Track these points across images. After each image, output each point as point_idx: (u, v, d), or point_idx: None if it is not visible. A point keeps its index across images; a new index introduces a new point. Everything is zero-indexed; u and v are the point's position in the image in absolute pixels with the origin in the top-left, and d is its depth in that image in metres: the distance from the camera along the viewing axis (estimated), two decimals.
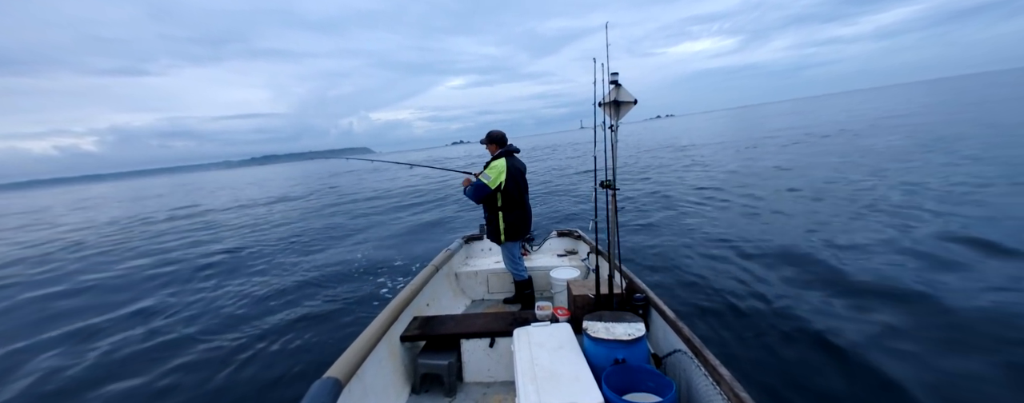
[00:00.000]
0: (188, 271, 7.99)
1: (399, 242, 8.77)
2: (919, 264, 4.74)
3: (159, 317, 5.64)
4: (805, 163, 12.96)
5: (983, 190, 7.32)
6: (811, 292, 4.39)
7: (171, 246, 10.90)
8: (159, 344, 4.80)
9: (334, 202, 17.34)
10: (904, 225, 6.03)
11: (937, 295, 4.04)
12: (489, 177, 3.40)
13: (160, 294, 6.73)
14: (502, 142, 3.56)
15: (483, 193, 3.45)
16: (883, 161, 11.37)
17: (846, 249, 5.41)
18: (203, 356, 4.37)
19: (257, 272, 7.41)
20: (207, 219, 16.13)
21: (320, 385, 1.98)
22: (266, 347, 4.42)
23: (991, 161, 9.64)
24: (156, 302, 6.30)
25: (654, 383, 2.17)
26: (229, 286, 6.70)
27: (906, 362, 3.17)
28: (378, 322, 2.69)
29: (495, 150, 3.54)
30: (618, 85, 2.72)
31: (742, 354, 3.50)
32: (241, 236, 11.32)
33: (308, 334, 4.62)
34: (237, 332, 4.86)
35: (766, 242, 6.04)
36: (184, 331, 5.07)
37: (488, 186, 3.40)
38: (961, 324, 3.57)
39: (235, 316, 5.40)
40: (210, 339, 4.76)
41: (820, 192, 8.75)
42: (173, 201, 27.94)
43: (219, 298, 6.16)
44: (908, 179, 8.83)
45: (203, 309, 5.77)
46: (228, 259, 8.65)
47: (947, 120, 20.97)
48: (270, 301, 5.80)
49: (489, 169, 3.44)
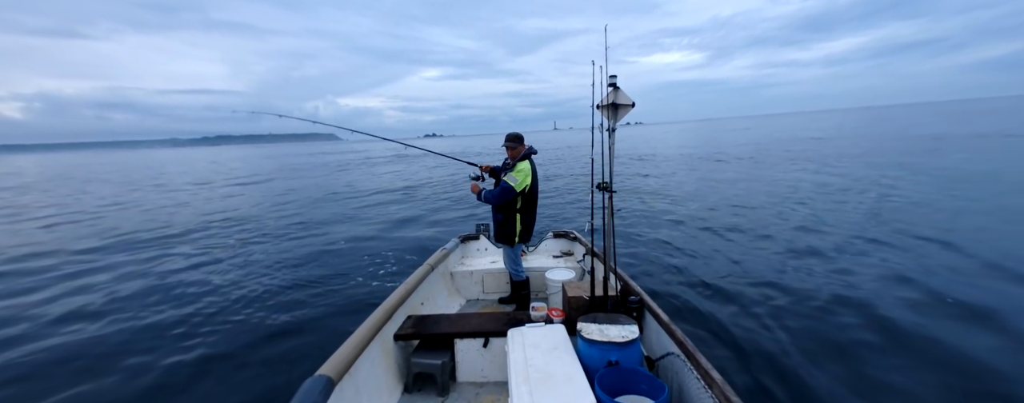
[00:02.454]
0: (166, 259, 7.92)
1: (394, 240, 8.74)
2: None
3: (145, 316, 5.59)
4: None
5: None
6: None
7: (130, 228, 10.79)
8: (144, 346, 4.75)
9: (325, 194, 17.26)
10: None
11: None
12: (516, 179, 3.37)
13: (141, 288, 6.67)
14: (522, 142, 3.54)
15: (509, 196, 3.42)
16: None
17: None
18: (195, 352, 4.33)
19: (241, 265, 7.35)
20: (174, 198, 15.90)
21: (312, 383, 1.97)
22: (257, 344, 4.38)
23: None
24: (134, 298, 6.24)
25: (647, 386, 2.18)
26: (215, 278, 6.65)
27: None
28: (372, 320, 2.68)
29: (519, 152, 3.49)
30: (616, 88, 2.73)
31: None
32: (206, 223, 11.20)
33: (300, 331, 4.59)
34: (224, 328, 4.82)
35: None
36: (169, 325, 5.03)
37: (515, 189, 3.38)
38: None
39: (225, 310, 5.36)
40: (194, 337, 4.71)
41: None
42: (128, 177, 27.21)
43: (205, 292, 6.10)
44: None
45: (190, 302, 5.71)
46: (203, 247, 8.58)
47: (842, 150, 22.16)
48: (259, 297, 5.75)
49: (516, 171, 3.40)
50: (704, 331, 3.98)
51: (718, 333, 3.94)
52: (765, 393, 3.08)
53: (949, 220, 7.37)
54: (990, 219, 7.27)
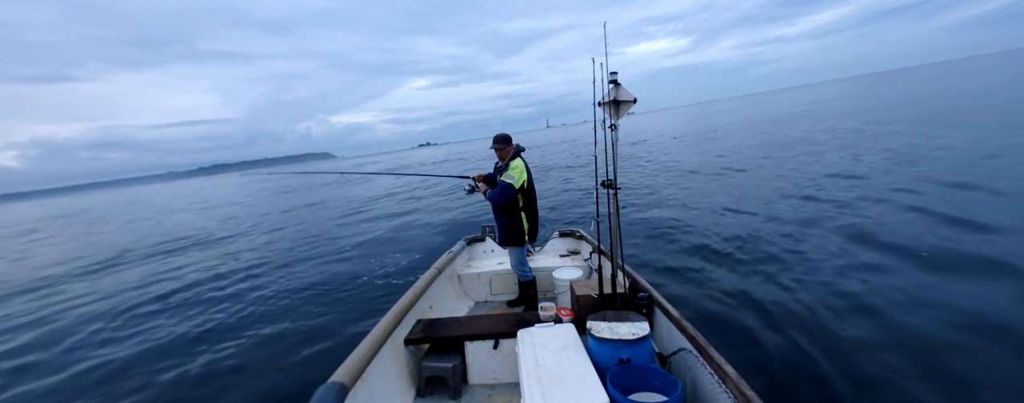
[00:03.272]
0: (182, 280, 8.01)
1: (399, 246, 8.77)
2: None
3: (160, 328, 5.65)
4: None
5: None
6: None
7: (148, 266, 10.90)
8: (158, 354, 4.80)
9: (320, 210, 17.36)
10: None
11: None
12: (513, 177, 3.44)
13: (157, 305, 6.74)
14: (510, 142, 3.62)
15: (510, 193, 3.48)
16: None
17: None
18: (206, 365, 4.37)
19: (252, 278, 7.42)
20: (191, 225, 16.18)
21: (325, 390, 1.98)
22: (269, 353, 4.42)
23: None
24: (150, 315, 6.31)
25: (659, 382, 2.16)
26: (225, 294, 6.71)
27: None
28: (382, 325, 2.69)
29: (509, 151, 3.58)
30: (617, 84, 2.71)
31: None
32: (222, 245, 11.33)
33: (311, 339, 4.62)
34: (239, 339, 4.86)
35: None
36: (188, 337, 5.08)
37: (514, 186, 3.44)
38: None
39: (235, 324, 5.40)
40: (212, 347, 4.76)
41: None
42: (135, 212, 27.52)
43: (217, 307, 6.16)
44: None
45: (205, 318, 5.77)
46: (214, 270, 8.67)
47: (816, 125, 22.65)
48: (269, 307, 5.80)
49: (511, 169, 3.47)
50: (716, 325, 3.94)
51: (731, 326, 3.91)
52: (781, 386, 3.05)
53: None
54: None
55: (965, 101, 21.34)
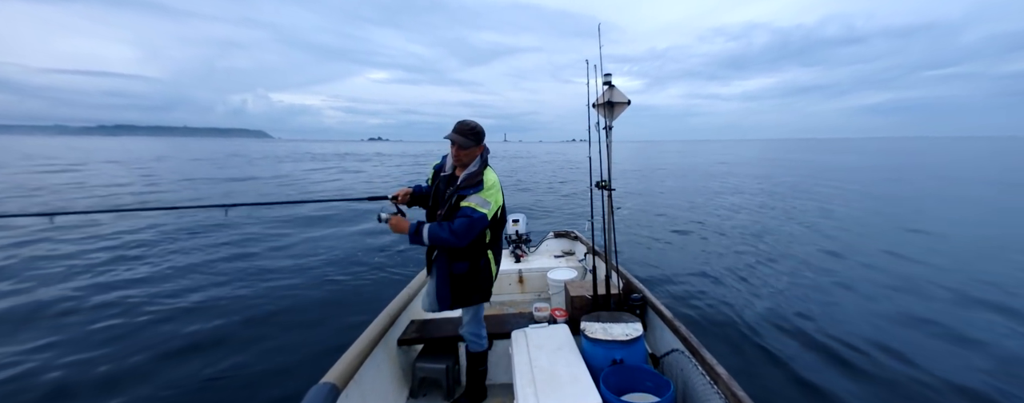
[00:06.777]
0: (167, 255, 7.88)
1: (393, 244, 8.72)
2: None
3: (140, 327, 5.57)
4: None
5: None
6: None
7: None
8: (146, 356, 4.73)
9: None
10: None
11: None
12: (488, 203, 2.15)
13: (138, 296, 6.65)
14: (482, 140, 2.26)
15: (479, 229, 2.15)
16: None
17: None
18: (194, 364, 4.32)
19: (238, 272, 7.33)
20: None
21: (316, 391, 1.96)
22: (260, 353, 4.37)
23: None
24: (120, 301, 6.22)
25: (652, 383, 2.18)
26: (211, 287, 6.63)
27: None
28: (375, 326, 2.67)
29: (476, 154, 2.26)
30: (611, 86, 2.73)
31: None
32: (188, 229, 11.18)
33: (304, 339, 4.57)
34: (228, 336, 4.80)
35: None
36: (172, 335, 5.01)
37: (486, 217, 2.14)
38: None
39: (224, 320, 5.34)
40: (198, 345, 4.69)
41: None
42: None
43: (200, 300, 6.08)
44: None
45: (183, 310, 5.68)
46: (191, 259, 8.55)
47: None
48: (260, 305, 5.73)
49: (487, 189, 2.17)
50: (708, 326, 3.97)
51: (722, 327, 3.94)
52: (771, 388, 3.08)
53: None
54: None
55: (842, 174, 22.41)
